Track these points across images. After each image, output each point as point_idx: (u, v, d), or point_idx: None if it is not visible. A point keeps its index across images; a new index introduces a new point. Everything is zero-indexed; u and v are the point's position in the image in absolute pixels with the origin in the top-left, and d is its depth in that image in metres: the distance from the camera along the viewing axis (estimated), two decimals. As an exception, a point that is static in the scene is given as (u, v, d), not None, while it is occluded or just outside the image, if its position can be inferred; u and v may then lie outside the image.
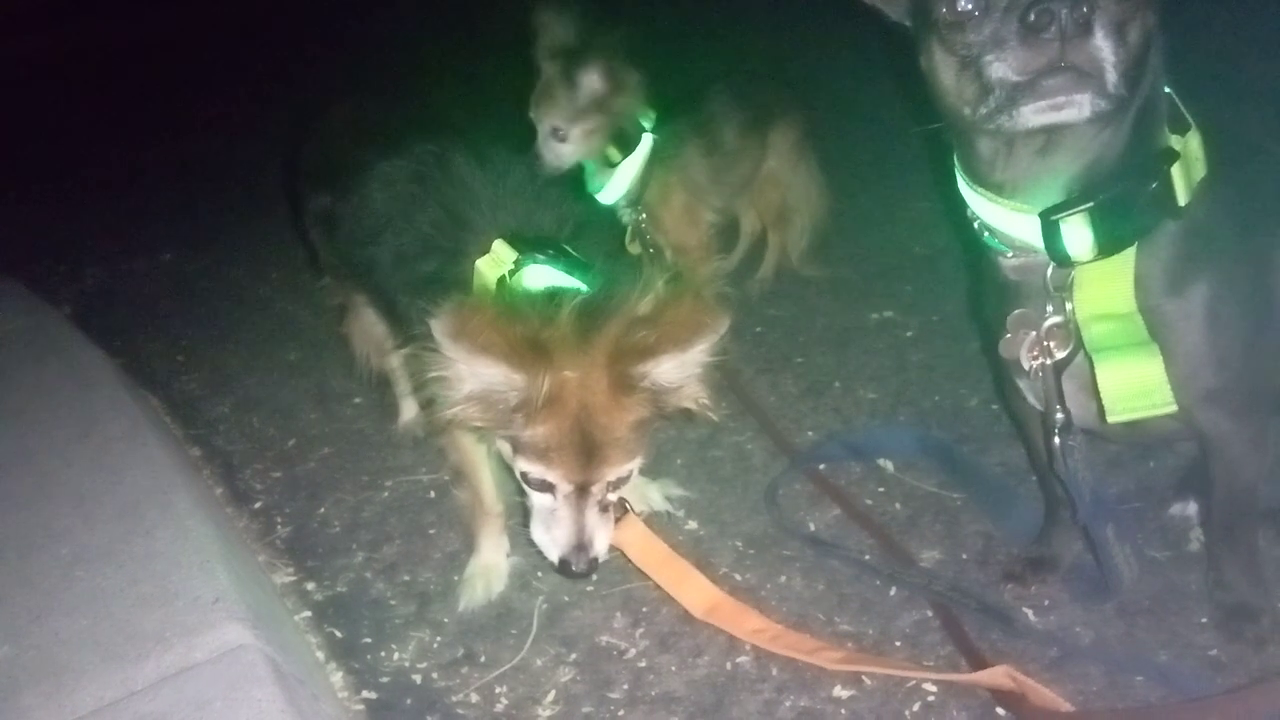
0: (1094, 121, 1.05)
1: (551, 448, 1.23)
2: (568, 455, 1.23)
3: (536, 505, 1.32)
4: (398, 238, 1.48)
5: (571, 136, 2.04)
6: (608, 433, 1.23)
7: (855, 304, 2.35)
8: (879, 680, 1.31)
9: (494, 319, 1.17)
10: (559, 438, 1.22)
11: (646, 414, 1.26)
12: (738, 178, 2.33)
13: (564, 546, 1.29)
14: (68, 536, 1.51)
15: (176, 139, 4.59)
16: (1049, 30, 0.98)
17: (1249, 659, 1.29)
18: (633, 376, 1.22)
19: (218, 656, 1.22)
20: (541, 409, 1.20)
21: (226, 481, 1.97)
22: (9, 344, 2.29)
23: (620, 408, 1.23)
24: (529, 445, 1.24)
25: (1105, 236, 1.11)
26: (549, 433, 1.22)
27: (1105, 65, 1.00)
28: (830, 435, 1.88)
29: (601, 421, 1.22)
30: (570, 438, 1.22)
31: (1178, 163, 1.12)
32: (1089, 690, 1.26)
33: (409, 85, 2.02)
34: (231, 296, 2.89)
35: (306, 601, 1.61)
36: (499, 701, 1.37)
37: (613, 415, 1.22)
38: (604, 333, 1.20)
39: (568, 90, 2.02)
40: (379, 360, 1.95)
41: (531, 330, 1.18)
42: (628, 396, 1.23)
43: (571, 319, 1.20)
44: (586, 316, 1.21)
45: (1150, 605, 1.39)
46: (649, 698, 1.33)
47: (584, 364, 1.20)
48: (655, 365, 1.22)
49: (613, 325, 1.20)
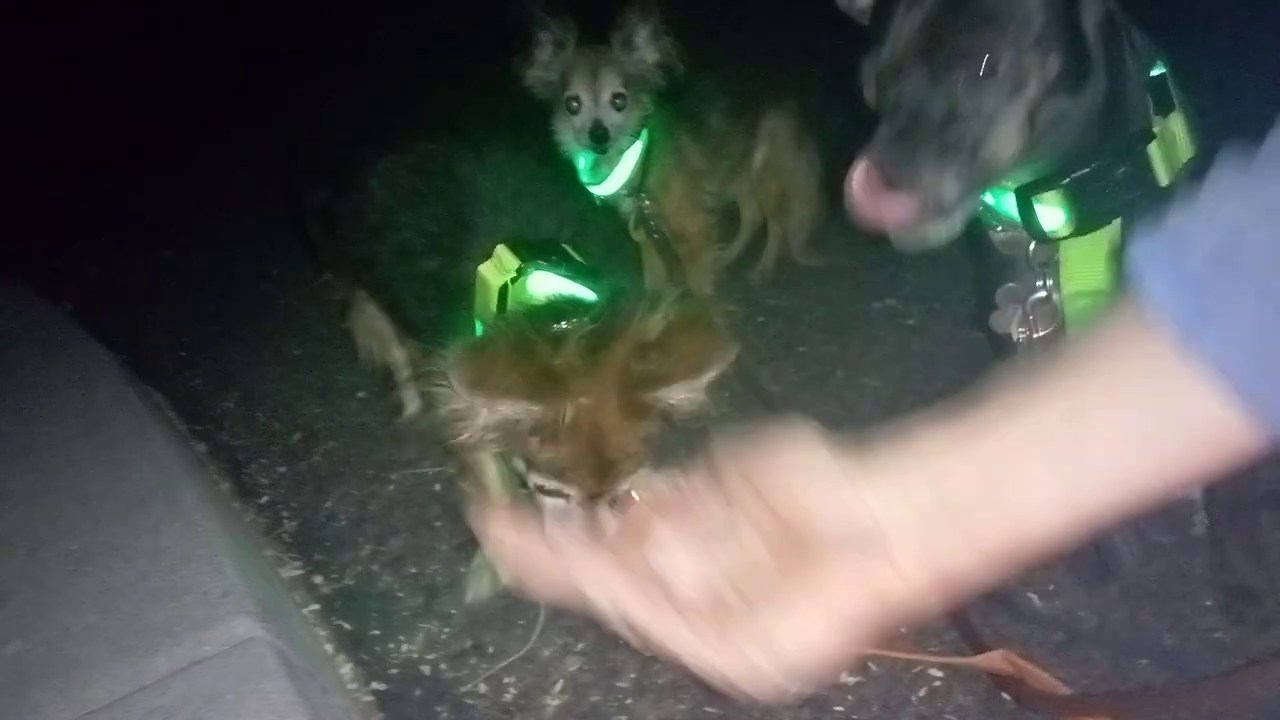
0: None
1: (567, 467, 1.26)
2: (582, 473, 1.26)
3: (549, 507, 1.34)
4: (399, 234, 1.49)
5: (630, 104, 2.03)
6: (620, 450, 1.25)
7: (857, 292, 2.35)
8: (885, 666, 1.32)
9: (508, 360, 1.19)
10: (573, 458, 1.24)
11: (656, 428, 1.29)
12: (727, 162, 2.32)
13: None
14: (75, 533, 1.51)
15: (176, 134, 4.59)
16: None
17: (1253, 641, 1.29)
18: (645, 403, 1.24)
19: (227, 650, 1.23)
20: (558, 433, 1.23)
21: (232, 476, 1.98)
22: (11, 342, 2.30)
23: (632, 427, 1.25)
24: (544, 465, 1.27)
25: (1080, 214, 1.13)
26: (564, 454, 1.24)
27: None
28: (833, 424, 1.88)
29: (614, 440, 1.24)
30: (584, 457, 1.24)
31: (1155, 143, 1.13)
32: (1094, 674, 1.27)
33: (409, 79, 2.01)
34: (234, 291, 2.89)
35: (314, 594, 1.61)
36: (507, 691, 1.38)
37: (624, 434, 1.25)
38: (613, 356, 1.22)
39: (626, 53, 2.01)
40: (383, 354, 1.96)
41: (544, 361, 1.20)
42: (640, 419, 1.25)
43: (581, 345, 1.22)
44: (595, 341, 1.23)
45: (1155, 589, 1.40)
46: (656, 686, 1.34)
47: (595, 387, 1.22)
48: (668, 393, 1.25)
49: (621, 348, 1.22)
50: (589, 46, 2.03)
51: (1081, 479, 0.61)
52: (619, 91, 2.00)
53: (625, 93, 2.00)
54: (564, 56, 2.04)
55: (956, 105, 1.05)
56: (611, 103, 2.00)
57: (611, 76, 2.00)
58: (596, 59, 2.01)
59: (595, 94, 2.00)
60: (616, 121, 2.02)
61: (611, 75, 2.00)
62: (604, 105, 2.01)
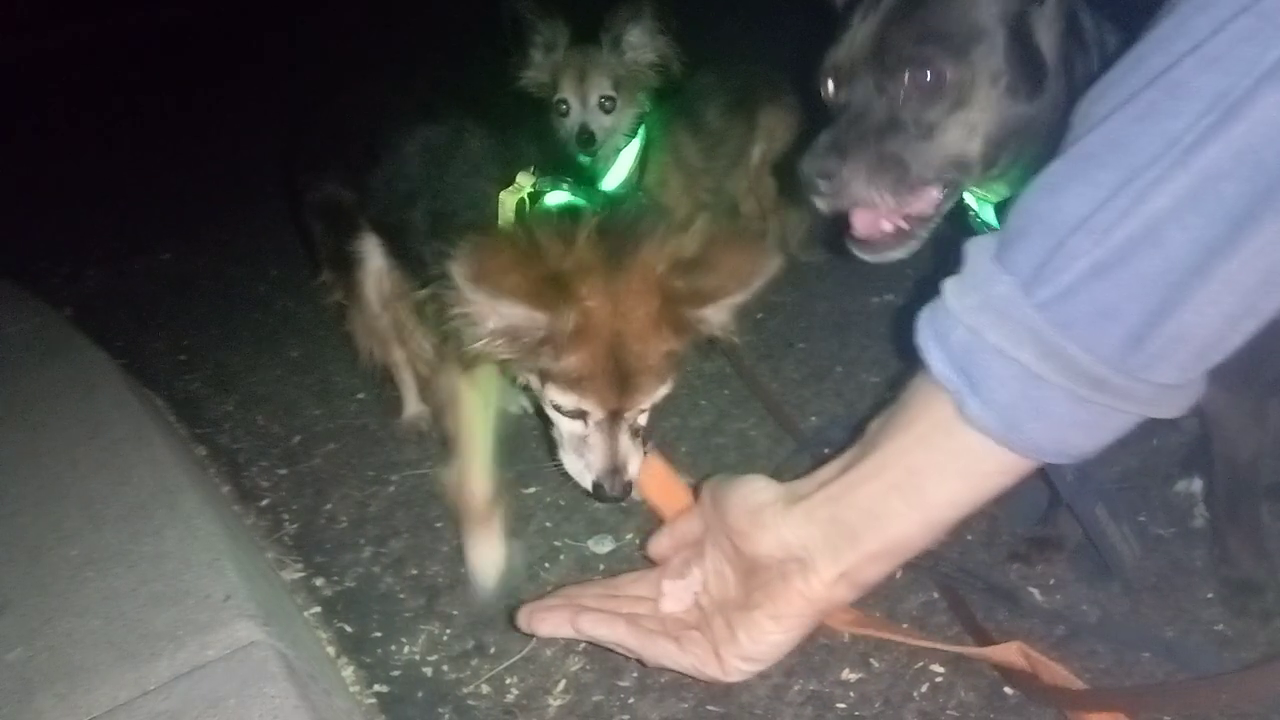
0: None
1: (584, 377, 1.22)
2: (600, 384, 1.22)
3: (566, 433, 1.31)
4: (432, 201, 1.49)
5: (619, 106, 2.01)
6: (641, 360, 1.21)
7: (856, 288, 2.35)
8: (887, 663, 1.32)
9: (512, 257, 1.16)
10: (591, 367, 1.21)
11: (681, 345, 1.26)
12: (725, 158, 2.32)
13: (598, 471, 1.29)
14: (77, 538, 1.51)
15: (172, 138, 4.59)
16: None
17: (1255, 633, 1.29)
18: (686, 320, 1.22)
19: (230, 654, 1.23)
20: (570, 341, 1.19)
21: (233, 479, 1.98)
22: (11, 347, 2.30)
23: (655, 336, 1.21)
24: (560, 376, 1.23)
25: None
26: (580, 363, 1.21)
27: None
28: (833, 420, 1.88)
29: (635, 349, 1.21)
30: (603, 367, 1.21)
31: None
32: (1096, 668, 1.27)
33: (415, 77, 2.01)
34: (232, 295, 2.89)
35: (316, 597, 1.62)
36: (510, 692, 1.38)
37: (646, 343, 1.21)
38: (641, 264, 1.19)
39: (615, 55, 2.00)
40: (383, 355, 1.96)
41: (552, 265, 1.17)
42: (680, 334, 1.23)
43: (593, 245, 1.19)
44: (610, 241, 1.20)
45: (1156, 582, 1.40)
46: (658, 685, 1.34)
47: (613, 291, 1.19)
48: (715, 309, 1.23)
49: (651, 257, 1.19)
50: (578, 48, 2.03)
51: (928, 507, 0.94)
52: (607, 94, 2.00)
53: (614, 95, 2.00)
54: (554, 58, 2.04)
55: (898, 115, 1.06)
56: (600, 105, 2.00)
57: (600, 79, 2.00)
58: (585, 61, 2.01)
59: (583, 97, 2.01)
60: (605, 124, 2.02)
61: (599, 78, 2.00)
62: (592, 108, 2.01)
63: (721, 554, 1.08)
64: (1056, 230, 0.82)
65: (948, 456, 0.92)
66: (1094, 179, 0.80)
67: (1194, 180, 0.75)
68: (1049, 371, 0.82)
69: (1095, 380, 0.82)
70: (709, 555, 1.09)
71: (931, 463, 0.93)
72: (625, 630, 1.09)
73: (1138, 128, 0.78)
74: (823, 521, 0.98)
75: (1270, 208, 0.74)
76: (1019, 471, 0.92)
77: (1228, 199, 0.74)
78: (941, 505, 0.95)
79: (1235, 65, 0.72)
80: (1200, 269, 0.77)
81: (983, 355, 0.86)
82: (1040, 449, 0.87)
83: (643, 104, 2.07)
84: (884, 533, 0.96)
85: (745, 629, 1.02)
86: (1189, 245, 0.76)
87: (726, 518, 1.06)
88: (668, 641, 1.07)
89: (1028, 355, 0.83)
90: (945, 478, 0.93)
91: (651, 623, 1.10)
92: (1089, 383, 0.82)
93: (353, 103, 1.90)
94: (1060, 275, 0.81)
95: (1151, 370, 0.82)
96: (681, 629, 1.08)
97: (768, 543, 1.01)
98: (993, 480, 0.93)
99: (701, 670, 1.05)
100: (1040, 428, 0.85)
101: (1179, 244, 0.77)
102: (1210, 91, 0.74)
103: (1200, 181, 0.75)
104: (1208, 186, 0.75)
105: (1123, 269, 0.79)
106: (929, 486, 0.94)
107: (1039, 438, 0.86)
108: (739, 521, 1.04)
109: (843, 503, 0.97)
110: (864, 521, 0.96)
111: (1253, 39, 0.72)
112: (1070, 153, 0.84)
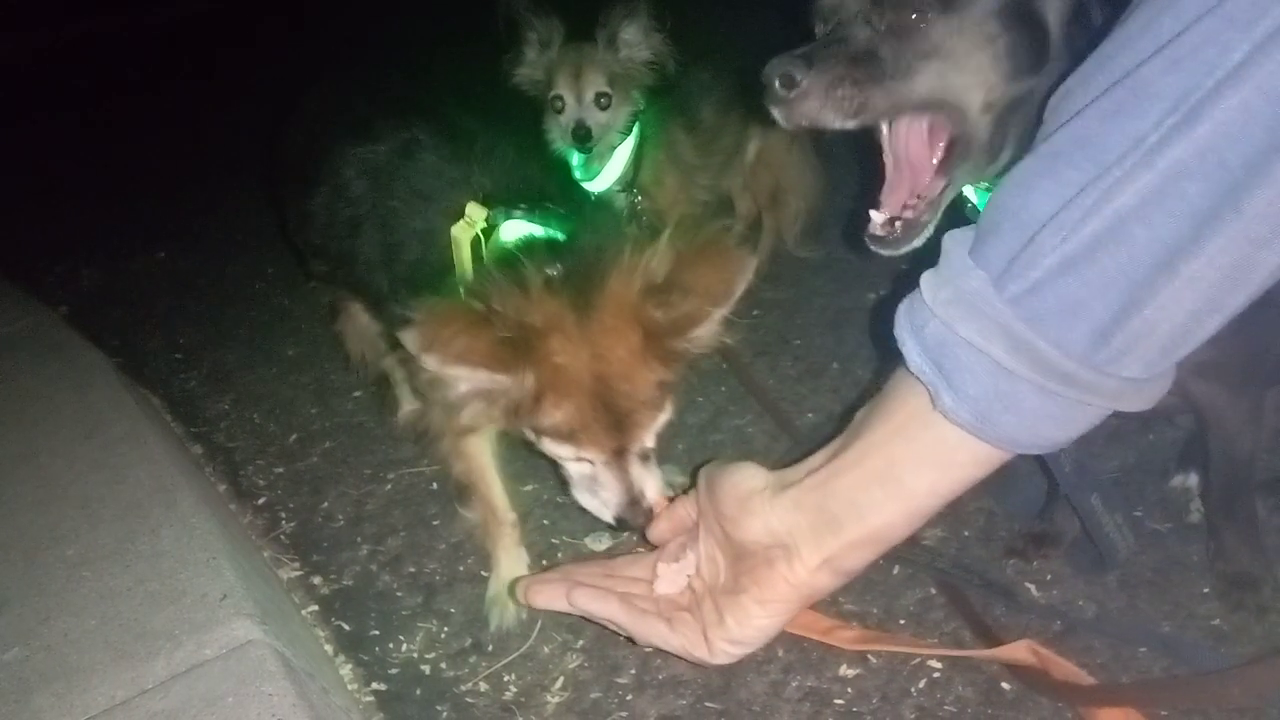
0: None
1: (576, 428, 1.17)
2: (595, 431, 1.18)
3: (575, 475, 1.27)
4: (380, 230, 1.43)
5: (614, 103, 2.01)
6: (632, 398, 1.16)
7: (852, 285, 2.35)
8: (884, 659, 1.32)
9: (465, 322, 1.10)
10: (580, 417, 1.16)
11: (672, 373, 1.21)
12: (720, 155, 2.32)
13: (616, 507, 1.24)
14: (73, 538, 1.51)
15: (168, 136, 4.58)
16: None
17: (1251, 628, 1.30)
18: (675, 350, 1.18)
19: (227, 653, 1.23)
20: (549, 396, 1.15)
21: (229, 478, 1.97)
22: (7, 346, 2.29)
23: (642, 371, 1.16)
24: (551, 431, 1.19)
25: None
26: (568, 415, 1.16)
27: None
28: (830, 417, 1.88)
29: (623, 389, 1.16)
30: (593, 414, 1.16)
31: None
32: (1093, 663, 1.27)
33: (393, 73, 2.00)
34: (228, 293, 2.89)
35: (313, 595, 1.61)
36: (508, 689, 1.38)
37: (634, 381, 1.16)
38: (613, 301, 1.13)
39: (611, 52, 2.00)
40: (374, 358, 1.95)
41: (511, 323, 1.11)
42: (669, 365, 1.18)
43: (555, 291, 1.13)
44: (574, 280, 1.14)
45: (1152, 577, 1.40)
46: (656, 681, 1.34)
47: (586, 335, 1.13)
48: (698, 331, 1.18)
49: (621, 292, 1.14)
50: (573, 46, 2.03)
51: (907, 496, 0.96)
52: (603, 91, 2.00)
53: (610, 92, 2.01)
54: (549, 56, 2.05)
55: (876, 49, 1.05)
56: (595, 102, 2.01)
57: (595, 76, 2.00)
58: (580, 58, 2.01)
59: (579, 94, 2.01)
60: (601, 121, 2.02)
61: (595, 75, 2.00)
62: (587, 105, 2.01)
63: (713, 539, 1.08)
64: (1027, 226, 0.83)
65: (924, 447, 0.94)
66: (1062, 176, 0.82)
67: (1159, 179, 0.77)
68: (1018, 365, 0.84)
69: (1063, 375, 0.83)
70: (702, 540, 1.10)
71: (909, 453, 0.95)
72: (618, 607, 1.10)
73: (1105, 126, 0.80)
74: (808, 509, 1.00)
75: (1232, 207, 0.75)
76: (994, 462, 0.93)
77: (1191, 198, 0.76)
78: (920, 495, 0.96)
79: (1198, 66, 0.74)
80: (1165, 266, 0.78)
81: (955, 348, 0.88)
82: (1013, 440, 0.89)
83: (638, 101, 2.07)
84: (865, 521, 0.98)
85: (732, 613, 1.03)
86: (1154, 243, 0.78)
87: (718, 504, 1.07)
88: (659, 622, 1.08)
89: (998, 349, 0.84)
90: (923, 468, 0.95)
91: (645, 603, 1.10)
92: (1057, 377, 0.83)
93: (294, 119, 1.85)
94: (1029, 271, 0.83)
95: (1118, 365, 0.83)
96: (674, 610, 1.09)
97: (756, 529, 1.02)
98: (969, 471, 0.95)
99: (690, 651, 1.06)
100: (1012, 420, 0.87)
101: (1144, 241, 0.78)
102: (1174, 92, 0.75)
103: (1165, 181, 0.76)
104: (1172, 185, 0.76)
105: (1089, 265, 0.80)
106: (907, 477, 0.96)
107: (1011, 429, 0.87)
108: (729, 507, 1.05)
109: (826, 491, 0.99)
110: (846, 510, 0.98)
111: (1215, 41, 0.73)
112: (1040, 150, 0.86)
